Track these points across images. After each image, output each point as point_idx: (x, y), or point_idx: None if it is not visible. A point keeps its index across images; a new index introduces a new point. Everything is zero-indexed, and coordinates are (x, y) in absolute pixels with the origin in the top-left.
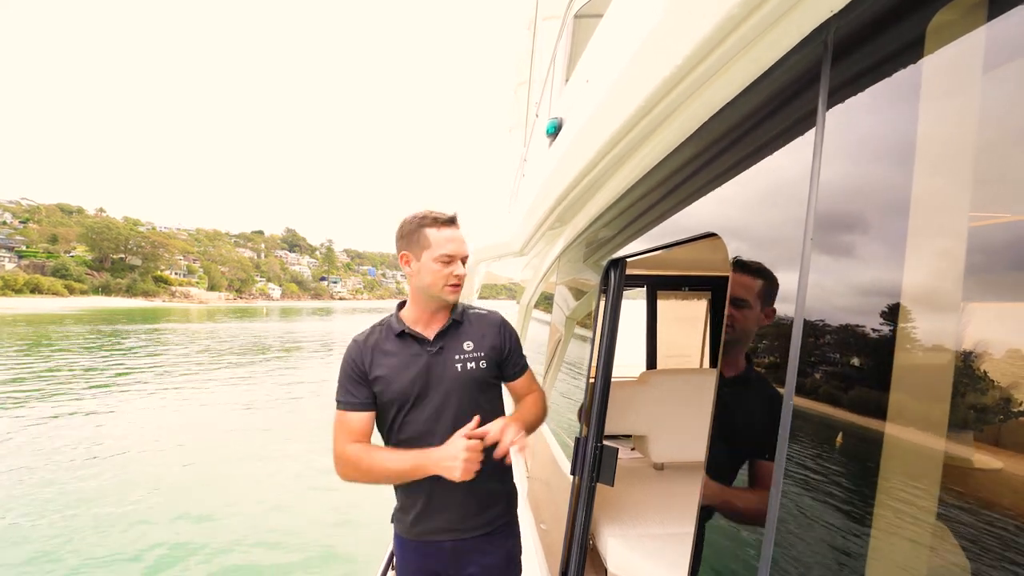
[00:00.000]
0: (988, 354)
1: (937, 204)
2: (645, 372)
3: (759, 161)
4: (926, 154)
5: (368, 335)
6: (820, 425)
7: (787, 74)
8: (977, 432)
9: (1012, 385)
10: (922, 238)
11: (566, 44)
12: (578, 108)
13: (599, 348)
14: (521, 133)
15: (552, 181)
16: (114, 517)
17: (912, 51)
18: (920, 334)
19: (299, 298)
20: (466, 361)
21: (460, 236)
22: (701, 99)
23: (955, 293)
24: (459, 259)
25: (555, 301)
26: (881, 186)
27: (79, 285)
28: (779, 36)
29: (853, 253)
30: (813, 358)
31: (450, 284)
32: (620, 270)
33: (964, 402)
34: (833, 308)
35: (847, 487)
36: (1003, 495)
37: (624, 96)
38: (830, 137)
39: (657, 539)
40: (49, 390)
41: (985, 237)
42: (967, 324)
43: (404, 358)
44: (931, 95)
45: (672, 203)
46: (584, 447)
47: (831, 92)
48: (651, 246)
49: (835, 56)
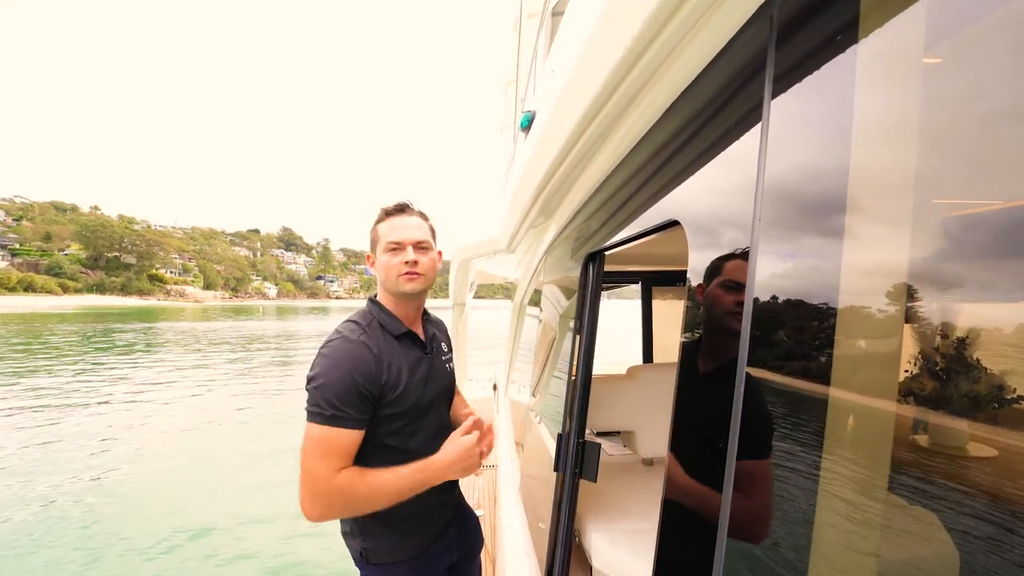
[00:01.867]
0: (933, 333)
1: (881, 185)
2: (633, 367)
3: (712, 148)
4: (868, 134)
5: (368, 337)
6: (773, 404)
7: (736, 57)
8: (927, 409)
9: (962, 364)
10: (865, 230)
11: (545, 40)
12: (546, 99)
13: (579, 343)
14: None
15: (529, 174)
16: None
17: (852, 27)
18: (867, 313)
19: (295, 297)
20: (447, 361)
21: (411, 221)
22: (657, 86)
23: (900, 272)
24: (409, 245)
25: (544, 298)
26: (826, 167)
27: (73, 283)
28: (725, 15)
29: (800, 237)
30: (764, 338)
31: (403, 273)
32: (599, 264)
33: (912, 379)
34: (782, 292)
35: (799, 468)
36: (954, 472)
37: (583, 84)
38: (776, 119)
39: (642, 535)
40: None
41: (930, 217)
42: (912, 302)
43: (412, 362)
44: (872, 71)
45: (644, 195)
46: (567, 443)
47: (777, 75)
48: (624, 237)
49: (780, 35)
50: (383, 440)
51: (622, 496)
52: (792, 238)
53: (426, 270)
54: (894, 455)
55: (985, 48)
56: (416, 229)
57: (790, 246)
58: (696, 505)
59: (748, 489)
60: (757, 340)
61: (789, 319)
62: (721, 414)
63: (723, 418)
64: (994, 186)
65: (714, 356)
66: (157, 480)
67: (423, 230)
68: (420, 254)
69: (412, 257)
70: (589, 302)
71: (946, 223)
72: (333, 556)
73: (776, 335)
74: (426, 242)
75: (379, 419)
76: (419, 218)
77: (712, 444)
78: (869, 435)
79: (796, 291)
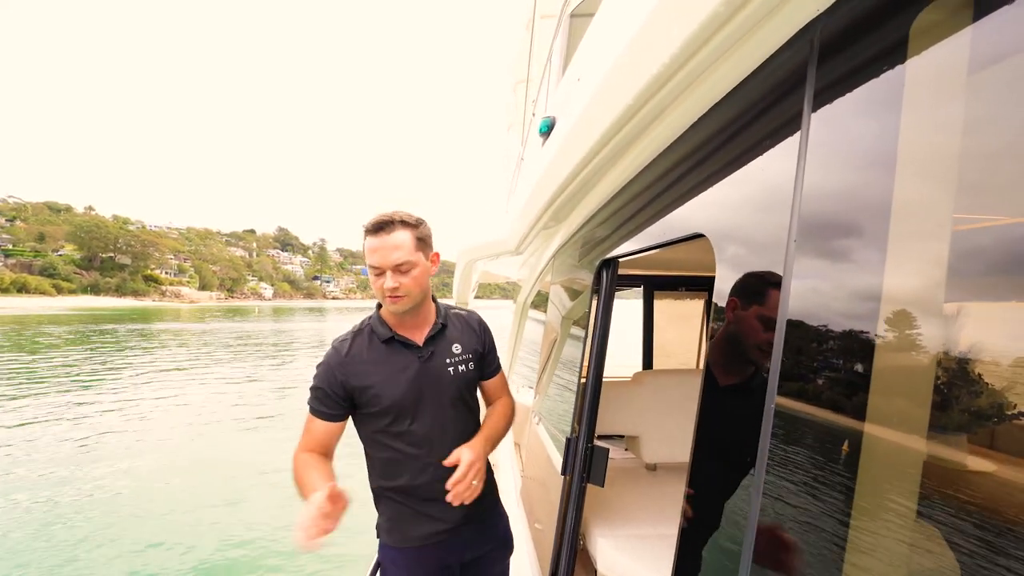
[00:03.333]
0: (970, 357)
1: (921, 206)
2: (639, 372)
3: (746, 162)
4: (910, 155)
5: (350, 344)
6: (802, 427)
7: (774, 74)
8: (959, 434)
9: (995, 388)
10: (905, 240)
11: (562, 43)
12: (570, 107)
13: (591, 348)
14: (519, 132)
15: (545, 180)
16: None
17: (897, 51)
18: (902, 337)
19: (291, 297)
20: (457, 364)
21: (389, 243)
22: (690, 99)
23: (938, 296)
24: (388, 270)
25: (550, 300)
26: (865, 187)
27: (67, 284)
28: (766, 35)
29: (837, 255)
30: (796, 360)
31: (387, 296)
32: (612, 270)
33: (945, 404)
34: (816, 310)
35: (828, 489)
36: (984, 496)
37: (613, 94)
38: (815, 138)
39: (647, 540)
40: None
41: (969, 240)
42: (949, 327)
43: (394, 367)
44: (916, 95)
45: (663, 204)
46: (575, 447)
47: (816, 92)
48: (643, 246)
49: (821, 56)
50: (375, 437)
51: (626, 501)
52: (828, 256)
53: (408, 290)
54: (924, 479)
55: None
56: (395, 251)
57: (826, 268)
58: (720, 517)
59: (773, 508)
60: (788, 364)
61: (822, 346)
62: (745, 434)
63: (747, 439)
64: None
65: (740, 374)
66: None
67: (403, 249)
68: (400, 276)
69: (391, 284)
70: (602, 308)
71: (990, 249)
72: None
73: (808, 360)
74: (406, 263)
75: (363, 416)
76: (402, 233)
77: (733, 462)
78: (902, 458)
79: (830, 317)
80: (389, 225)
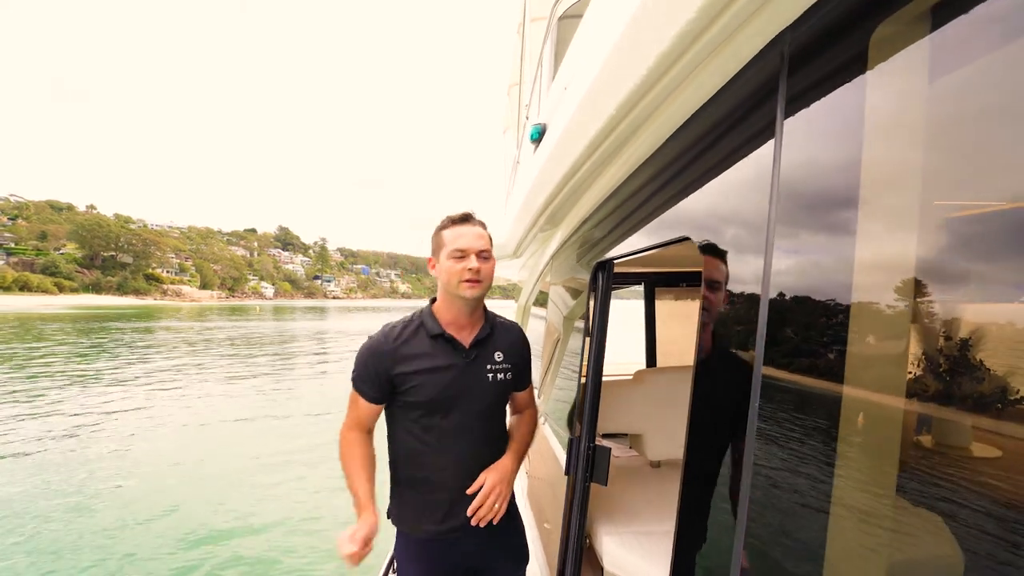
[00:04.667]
0: (943, 346)
1: (886, 204)
2: (640, 370)
3: (726, 168)
4: (875, 158)
5: (399, 332)
6: (785, 420)
7: (748, 84)
8: (936, 426)
9: (962, 371)
10: (873, 236)
11: (551, 46)
12: (558, 114)
13: (590, 348)
14: (514, 135)
15: (538, 186)
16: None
17: (860, 60)
18: (874, 326)
19: (292, 297)
20: (496, 372)
21: (474, 231)
22: (671, 108)
23: (905, 287)
24: (473, 254)
25: (551, 302)
26: (835, 188)
27: (69, 283)
28: (739, 46)
29: (813, 250)
30: (778, 357)
31: (465, 279)
32: (608, 271)
33: (922, 396)
34: (796, 305)
35: (812, 464)
36: (968, 481)
37: (598, 103)
38: (788, 144)
39: (653, 537)
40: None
41: (933, 234)
42: (920, 320)
43: (438, 363)
44: (879, 101)
45: (651, 207)
46: (577, 447)
47: (788, 101)
48: (634, 249)
49: (791, 67)
50: (405, 426)
51: (631, 498)
52: (805, 256)
53: (485, 277)
54: (903, 457)
55: (985, 79)
56: (479, 239)
57: (803, 264)
58: (712, 502)
59: (761, 484)
60: (771, 354)
61: (801, 337)
62: (731, 423)
63: (734, 428)
64: (996, 193)
65: (727, 367)
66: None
67: (484, 240)
68: (482, 262)
69: (475, 265)
70: (599, 309)
71: (952, 240)
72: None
73: (789, 349)
74: (487, 251)
75: (398, 404)
76: (481, 228)
77: (722, 449)
78: (882, 438)
79: (809, 313)
80: (472, 218)
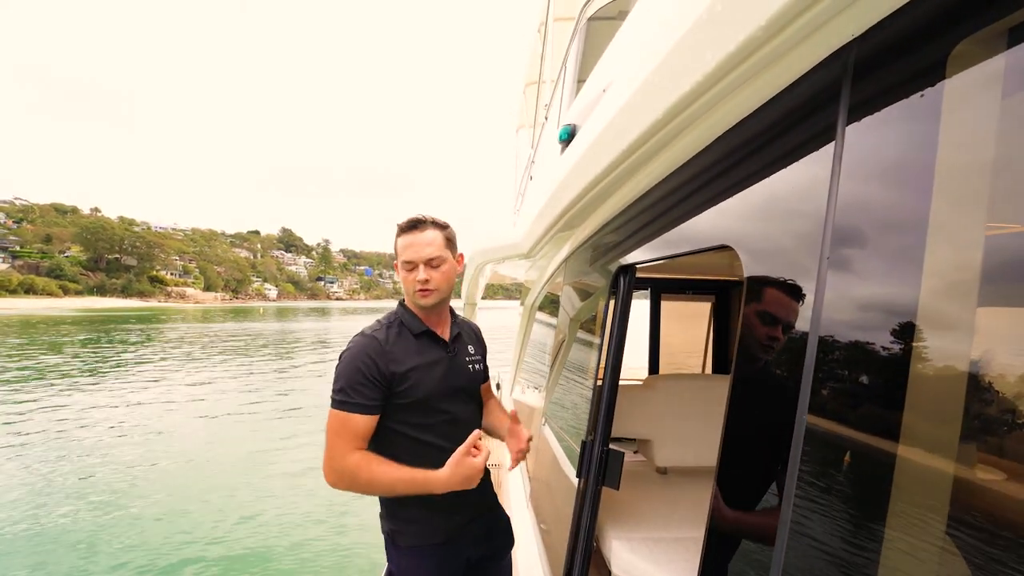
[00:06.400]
0: (1005, 372)
1: (953, 223)
2: (650, 376)
3: (775, 175)
4: (944, 174)
5: (384, 334)
6: (833, 441)
7: (807, 91)
8: (993, 450)
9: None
10: (938, 257)
11: (578, 47)
12: (593, 116)
13: (607, 353)
14: (529, 134)
15: (563, 188)
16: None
17: (932, 77)
18: (935, 352)
19: (296, 298)
20: (473, 363)
21: (423, 239)
22: (720, 112)
23: (971, 311)
24: (421, 264)
25: (561, 304)
26: (898, 205)
27: (74, 285)
28: (802, 54)
29: (869, 270)
30: (827, 375)
31: (417, 290)
32: (630, 276)
33: (979, 420)
34: (848, 325)
35: (859, 504)
36: (1017, 512)
37: (641, 108)
38: (848, 155)
39: (661, 543)
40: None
41: (1004, 252)
42: (983, 342)
43: (427, 359)
44: (950, 119)
45: (685, 212)
46: (590, 451)
47: (851, 110)
48: (662, 254)
49: (855, 77)
50: (400, 429)
51: (639, 504)
52: (860, 271)
53: (438, 285)
54: (959, 493)
55: None
56: (427, 247)
57: (856, 280)
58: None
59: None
60: (821, 377)
61: (855, 359)
62: (775, 444)
63: (778, 449)
64: None
65: (770, 385)
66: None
67: (435, 246)
68: (431, 271)
69: (423, 276)
70: (619, 314)
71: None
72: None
73: (841, 373)
74: (437, 258)
75: (393, 408)
76: (433, 231)
77: (763, 470)
78: (934, 473)
79: (864, 330)
80: (422, 224)
